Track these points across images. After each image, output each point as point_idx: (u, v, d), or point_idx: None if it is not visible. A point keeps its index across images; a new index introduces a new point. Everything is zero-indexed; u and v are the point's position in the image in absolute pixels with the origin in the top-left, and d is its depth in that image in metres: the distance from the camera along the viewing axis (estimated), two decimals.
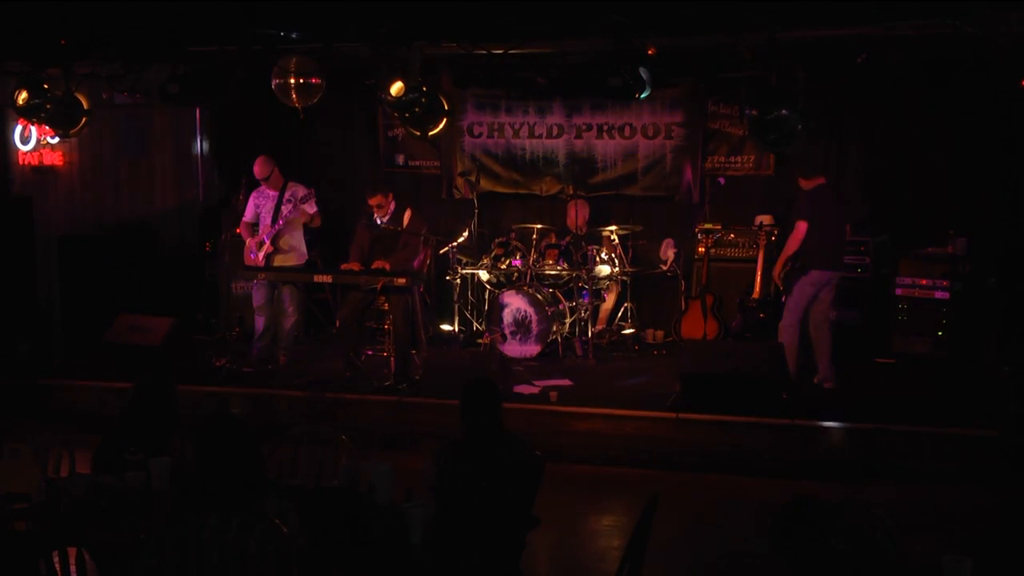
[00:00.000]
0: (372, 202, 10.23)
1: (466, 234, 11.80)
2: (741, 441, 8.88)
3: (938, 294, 10.50)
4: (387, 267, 10.05)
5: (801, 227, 9.72)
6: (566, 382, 10.20)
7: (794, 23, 8.42)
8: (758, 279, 11.02)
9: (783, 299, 10.16)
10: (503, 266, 11.69)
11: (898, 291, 10.69)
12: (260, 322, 11.01)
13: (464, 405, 5.52)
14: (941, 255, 10.64)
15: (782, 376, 9.26)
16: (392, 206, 10.29)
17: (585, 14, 8.30)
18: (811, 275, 9.79)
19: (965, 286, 10.51)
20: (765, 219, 11.33)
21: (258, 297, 10.96)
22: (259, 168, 10.90)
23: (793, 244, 9.80)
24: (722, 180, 11.46)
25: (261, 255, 10.78)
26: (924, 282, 10.59)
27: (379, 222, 10.27)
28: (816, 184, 9.85)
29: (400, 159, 13.02)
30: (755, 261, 11.10)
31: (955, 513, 7.85)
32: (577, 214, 11.78)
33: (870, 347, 10.88)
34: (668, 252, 11.78)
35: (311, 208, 10.83)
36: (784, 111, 7.94)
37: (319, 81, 9.51)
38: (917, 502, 7.94)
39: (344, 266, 10.32)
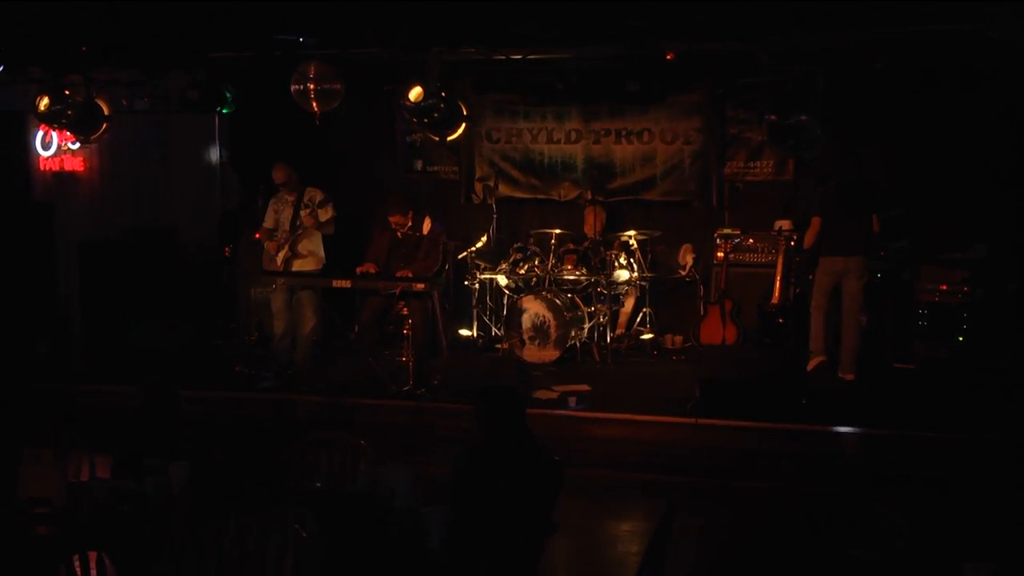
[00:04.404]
0: (392, 220, 10.24)
1: (484, 239, 11.80)
2: (760, 447, 8.86)
3: (959, 299, 10.46)
4: (410, 275, 10.07)
5: (815, 222, 10.33)
6: (585, 387, 10.19)
7: (813, 28, 8.40)
8: (777, 284, 10.99)
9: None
10: (521, 271, 11.69)
11: (919, 296, 10.65)
12: (279, 327, 11.04)
13: (481, 411, 5.52)
14: (962, 260, 10.61)
15: (801, 380, 9.24)
16: (411, 220, 10.31)
17: (603, 20, 8.30)
18: (821, 262, 10.30)
19: (986, 291, 10.47)
20: (784, 224, 11.30)
21: (277, 301, 10.98)
22: (277, 174, 10.93)
23: (809, 238, 10.46)
24: (741, 185, 11.44)
25: (280, 260, 10.81)
26: (945, 287, 10.55)
27: (399, 235, 10.30)
28: (828, 187, 10.36)
29: (418, 164, 13.03)
30: (774, 266, 11.07)
31: (976, 519, 7.81)
32: (595, 220, 11.77)
33: (890, 352, 10.85)
34: (687, 257, 11.76)
35: (325, 214, 10.85)
36: (803, 116, 7.93)
37: (338, 87, 9.54)
38: (938, 508, 7.90)
39: (360, 268, 10.32)
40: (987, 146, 11.00)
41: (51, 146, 12.92)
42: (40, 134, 12.85)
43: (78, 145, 12.68)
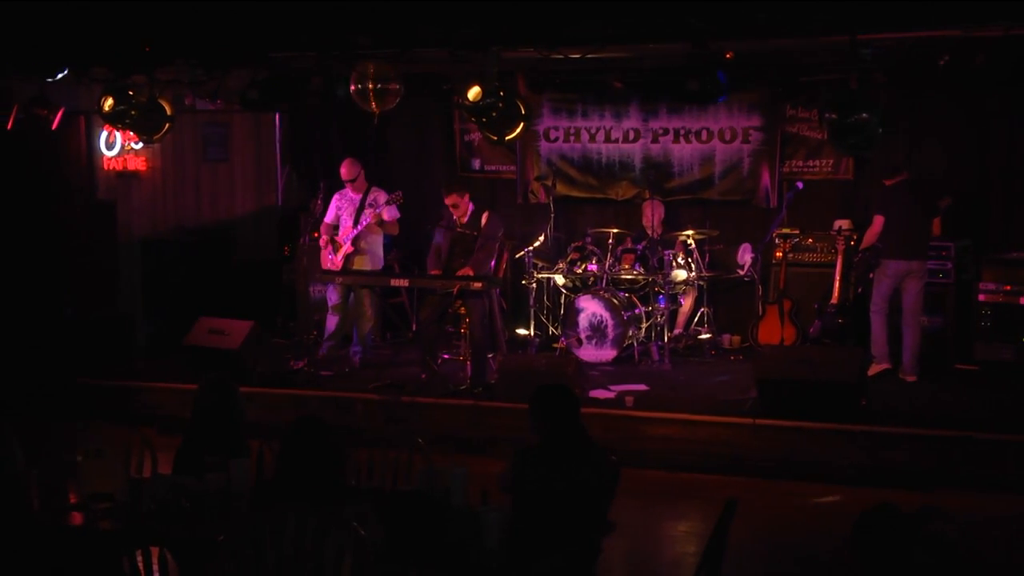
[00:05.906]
0: (448, 201, 10.32)
1: (542, 238, 11.80)
2: (819, 448, 8.79)
3: (1023, 300, 10.33)
4: (471, 273, 10.11)
5: (877, 221, 10.22)
6: (642, 387, 10.16)
7: (874, 26, 8.31)
8: (836, 284, 10.90)
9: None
10: (579, 270, 11.67)
11: (981, 297, 10.52)
12: (332, 322, 11.10)
13: (535, 410, 5.51)
14: None
15: (861, 381, 9.15)
16: (469, 207, 10.36)
17: (662, 18, 8.27)
18: (883, 264, 10.22)
19: None
20: (844, 223, 11.20)
21: (333, 296, 11.05)
22: (346, 170, 11.01)
23: (869, 237, 10.40)
24: (800, 184, 11.34)
25: (339, 257, 10.89)
26: (1008, 287, 10.42)
27: (457, 224, 10.33)
28: (896, 180, 10.22)
29: (476, 164, 13.06)
30: (833, 266, 10.98)
31: None
32: (653, 213, 11.71)
33: (952, 353, 10.72)
34: (745, 257, 11.68)
35: (389, 215, 10.91)
36: (864, 115, 7.83)
37: (396, 86, 9.56)
38: (1001, 512, 7.81)
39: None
40: None
41: (115, 146, 13.09)
42: (104, 134, 13.03)
43: (141, 145, 12.84)
